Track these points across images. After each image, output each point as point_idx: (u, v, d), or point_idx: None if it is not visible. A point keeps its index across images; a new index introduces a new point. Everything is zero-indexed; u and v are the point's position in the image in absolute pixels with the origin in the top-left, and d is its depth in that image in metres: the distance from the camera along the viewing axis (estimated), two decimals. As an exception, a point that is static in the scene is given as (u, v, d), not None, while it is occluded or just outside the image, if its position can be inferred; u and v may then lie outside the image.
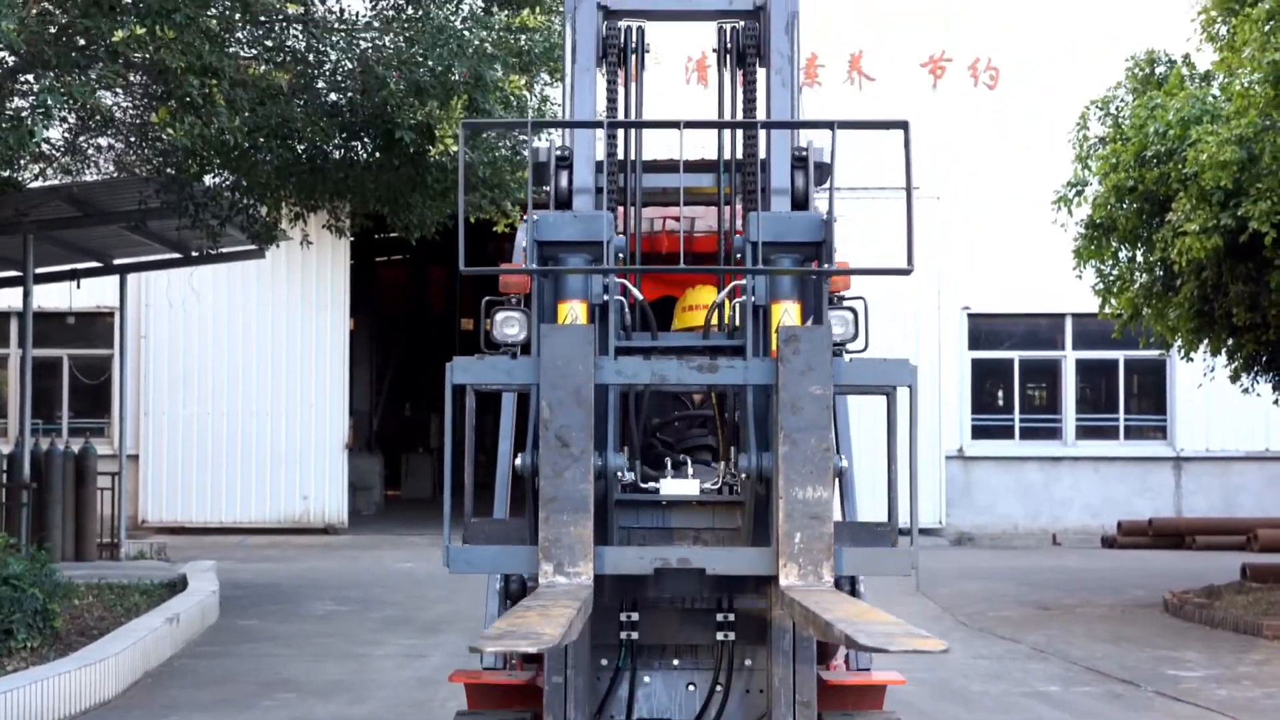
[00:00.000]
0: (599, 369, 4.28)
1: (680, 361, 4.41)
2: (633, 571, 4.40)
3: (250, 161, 10.99)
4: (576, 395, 4.17)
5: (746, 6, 5.23)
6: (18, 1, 7.89)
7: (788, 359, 4.20)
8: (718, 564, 4.40)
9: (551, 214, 4.70)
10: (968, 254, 18.80)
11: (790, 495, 4.14)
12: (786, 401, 4.19)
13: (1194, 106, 11.07)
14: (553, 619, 3.62)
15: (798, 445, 4.16)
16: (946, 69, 19.22)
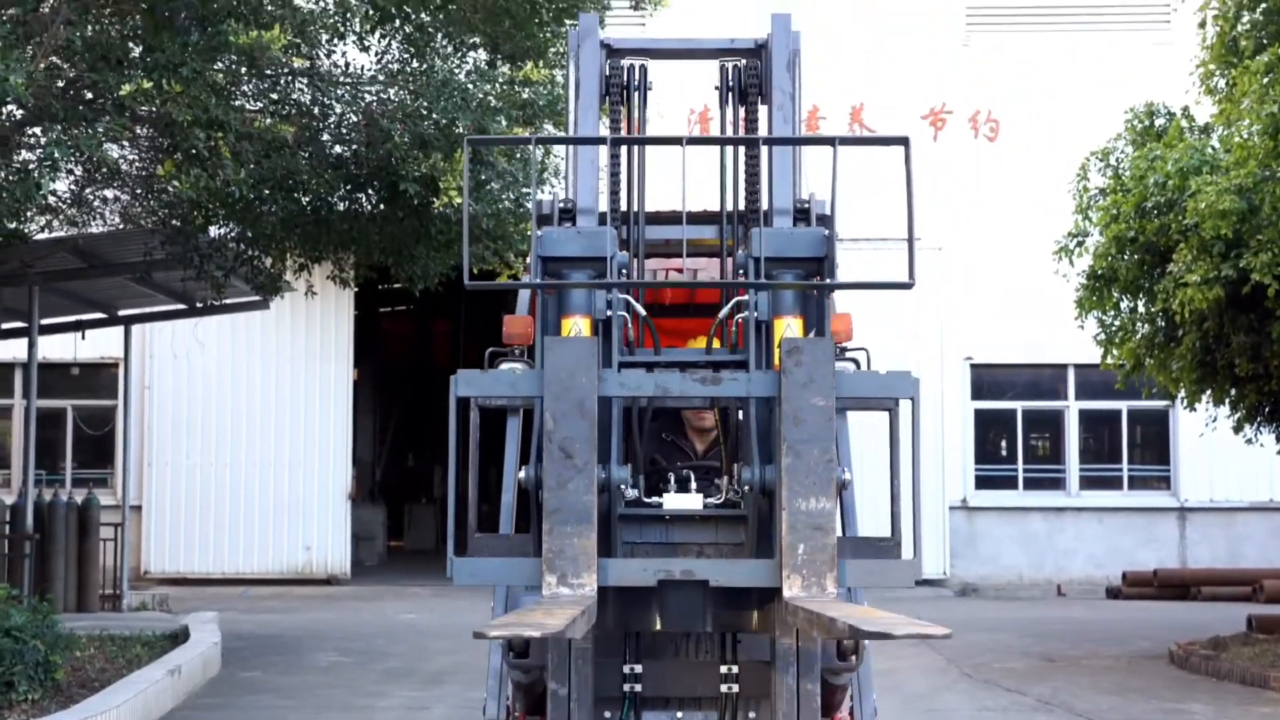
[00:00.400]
0: (603, 381, 4.28)
1: (683, 374, 4.42)
2: (636, 583, 4.38)
3: (255, 213, 11.05)
4: (580, 407, 4.17)
5: (748, 45, 5.29)
6: (26, 56, 7.97)
7: (790, 371, 4.20)
8: (721, 576, 4.38)
9: (555, 230, 4.73)
10: (970, 305, 18.84)
11: (793, 507, 4.14)
12: (789, 413, 4.19)
13: (1193, 157, 11.13)
14: (557, 615, 3.64)
15: (800, 457, 4.16)
16: (947, 121, 19.33)
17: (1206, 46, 11.81)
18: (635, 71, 5.32)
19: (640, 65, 5.35)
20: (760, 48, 5.29)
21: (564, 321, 4.57)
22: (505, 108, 10.51)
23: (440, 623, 14.89)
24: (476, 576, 4.43)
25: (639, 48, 5.45)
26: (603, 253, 4.56)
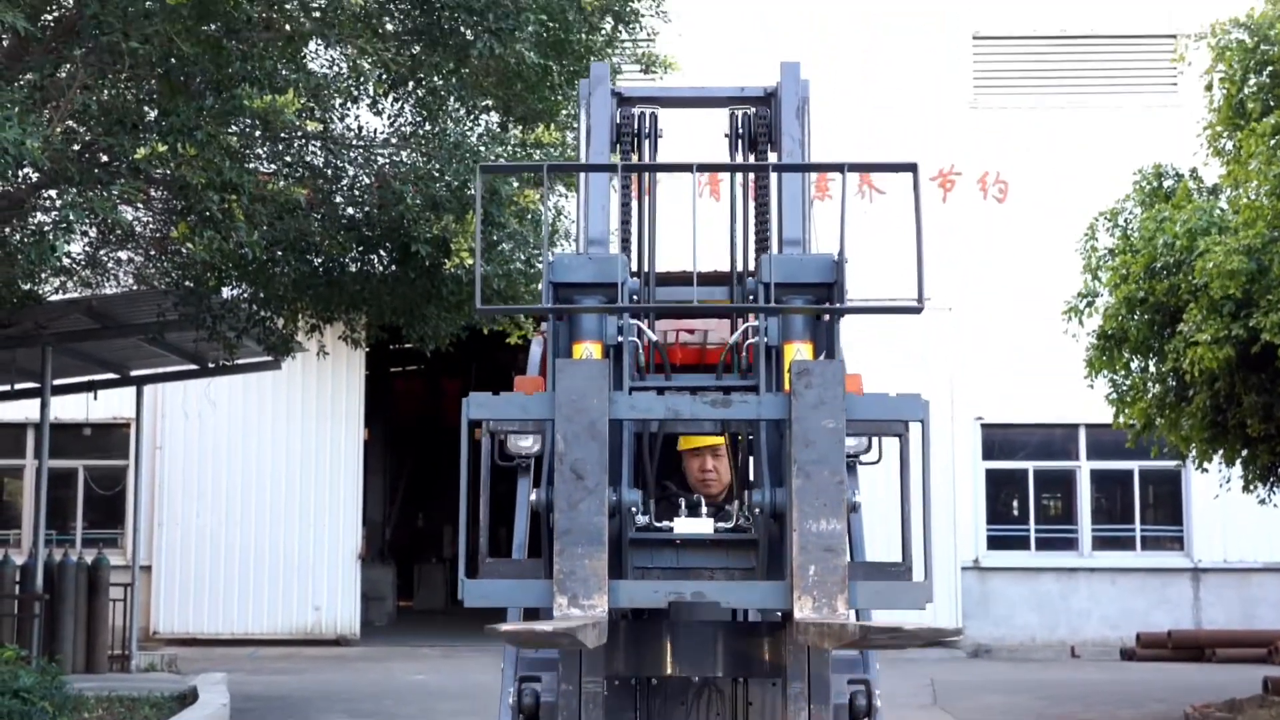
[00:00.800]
0: (613, 404, 4.29)
1: (694, 397, 4.42)
2: (647, 604, 4.38)
3: (268, 274, 11.11)
4: (591, 429, 4.18)
5: (757, 94, 5.33)
6: (43, 120, 8.06)
7: (800, 393, 4.21)
8: (732, 598, 4.39)
9: (567, 256, 4.75)
10: (980, 364, 18.84)
11: (804, 528, 4.12)
12: (799, 435, 4.19)
13: (1201, 219, 11.17)
14: (571, 622, 3.67)
15: (811, 478, 4.15)
16: (956, 182, 19.42)
17: (1214, 109, 11.87)
18: (645, 119, 5.37)
19: (651, 113, 5.40)
20: (769, 96, 5.33)
21: (575, 347, 4.59)
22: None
23: (449, 684, 14.81)
24: (487, 598, 4.39)
25: (649, 95, 5.51)
26: (614, 279, 4.57)
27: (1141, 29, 19.50)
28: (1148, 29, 19.40)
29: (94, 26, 8.11)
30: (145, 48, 8.15)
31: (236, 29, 8.62)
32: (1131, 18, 19.51)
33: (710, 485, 5.64)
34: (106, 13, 8.07)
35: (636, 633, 4.72)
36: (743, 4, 18.85)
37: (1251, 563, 19.07)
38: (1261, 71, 11.33)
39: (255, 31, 8.74)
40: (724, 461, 5.61)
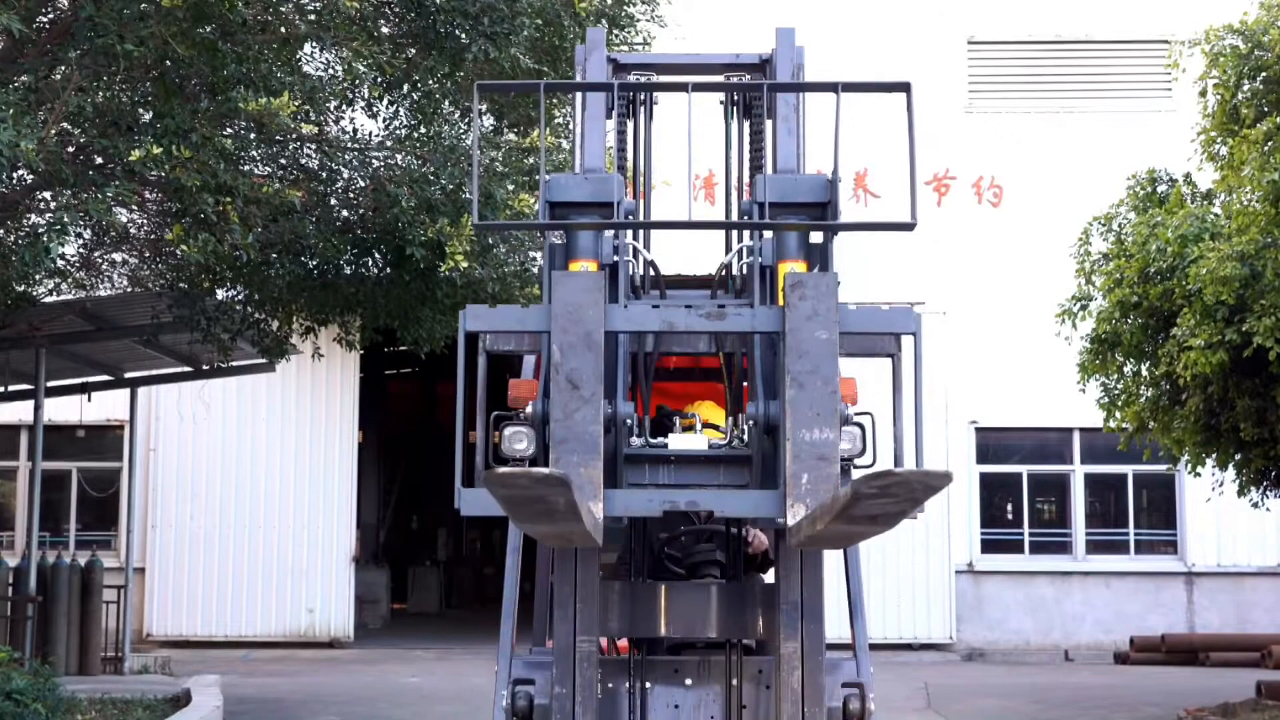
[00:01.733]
0: (609, 316, 4.32)
1: (689, 310, 4.43)
2: (641, 513, 4.42)
3: (262, 277, 11.11)
4: (587, 339, 4.21)
5: (753, 60, 5.34)
6: (38, 122, 8.05)
7: (794, 305, 4.22)
8: (726, 507, 4.41)
9: (564, 176, 4.77)
10: (974, 369, 18.85)
11: (797, 437, 4.13)
12: (793, 346, 4.20)
13: (1194, 224, 11.20)
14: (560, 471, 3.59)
15: (804, 388, 4.16)
16: (950, 187, 19.44)
17: (1208, 115, 11.90)
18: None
19: (646, 79, 5.41)
20: (765, 62, 5.34)
21: (571, 265, 4.61)
22: (511, 173, 10.61)
23: (444, 686, 14.81)
24: (483, 507, 4.42)
25: (645, 62, 5.53)
26: (610, 198, 4.62)
27: (1136, 34, 19.52)
28: (1142, 34, 19.42)
29: (89, 29, 8.11)
30: (140, 50, 8.15)
31: (232, 31, 8.63)
32: (1126, 23, 19.54)
33: None
34: (102, 15, 8.07)
35: (632, 593, 4.74)
36: (736, 11, 18.86)
37: (1245, 566, 19.09)
38: (1255, 77, 11.36)
39: (250, 34, 8.74)
40: None
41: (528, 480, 3.04)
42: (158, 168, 8.58)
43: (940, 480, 3.13)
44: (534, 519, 3.47)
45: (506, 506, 3.30)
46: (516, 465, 5.12)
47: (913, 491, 3.17)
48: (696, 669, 4.93)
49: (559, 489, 3.16)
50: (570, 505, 3.30)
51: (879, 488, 3.13)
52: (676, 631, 4.83)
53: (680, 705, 4.90)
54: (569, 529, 3.63)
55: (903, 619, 18.31)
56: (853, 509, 3.34)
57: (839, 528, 3.58)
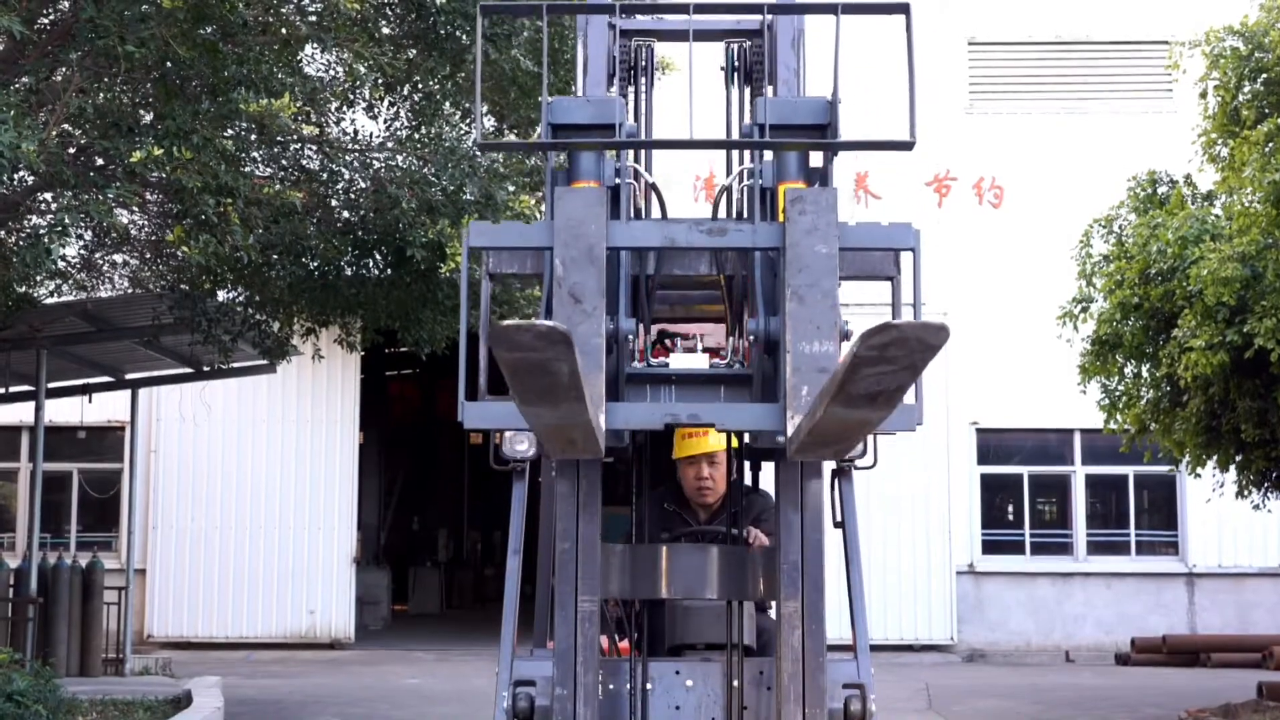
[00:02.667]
0: (611, 232, 4.34)
1: (690, 225, 4.47)
2: (643, 426, 4.43)
3: (263, 278, 11.12)
4: (589, 253, 4.22)
5: (753, 26, 5.36)
6: (39, 124, 8.06)
7: (794, 219, 4.25)
8: (727, 419, 4.42)
9: (566, 99, 4.80)
10: (975, 369, 18.85)
11: (798, 350, 4.14)
12: (793, 260, 4.22)
13: (1194, 226, 11.20)
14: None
15: (804, 302, 4.17)
16: (951, 188, 19.45)
17: (1208, 116, 11.91)
18: (643, 52, 5.38)
19: (648, 46, 5.42)
20: (765, 28, 5.37)
21: (574, 186, 4.62)
22: (512, 174, 10.62)
23: (444, 688, 14.81)
24: (486, 420, 4.48)
25: (646, 29, 5.55)
26: (611, 120, 4.63)
27: (1136, 35, 19.52)
28: (1142, 35, 19.41)
29: (90, 30, 8.11)
30: (141, 51, 8.15)
31: (232, 33, 8.63)
32: (1126, 25, 19.54)
33: (706, 494, 5.65)
34: (103, 16, 8.07)
35: (633, 554, 4.76)
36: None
37: (1246, 567, 19.09)
38: (1256, 79, 11.36)
39: (251, 35, 8.74)
40: (720, 469, 5.61)
41: (533, 336, 3.02)
42: (159, 169, 8.58)
43: (936, 336, 3.09)
44: (538, 398, 3.43)
45: (512, 376, 3.28)
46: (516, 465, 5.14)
47: (910, 351, 3.12)
48: (698, 671, 4.93)
49: (562, 350, 3.13)
50: (574, 375, 3.27)
51: (878, 346, 3.07)
52: (676, 592, 4.86)
53: (681, 706, 4.91)
54: (573, 415, 3.59)
55: (904, 620, 18.31)
56: (852, 382, 3.26)
57: (838, 417, 3.51)
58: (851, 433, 3.73)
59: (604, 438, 4.11)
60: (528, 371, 3.22)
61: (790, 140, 4.61)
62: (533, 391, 3.35)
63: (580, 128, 4.63)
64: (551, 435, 3.89)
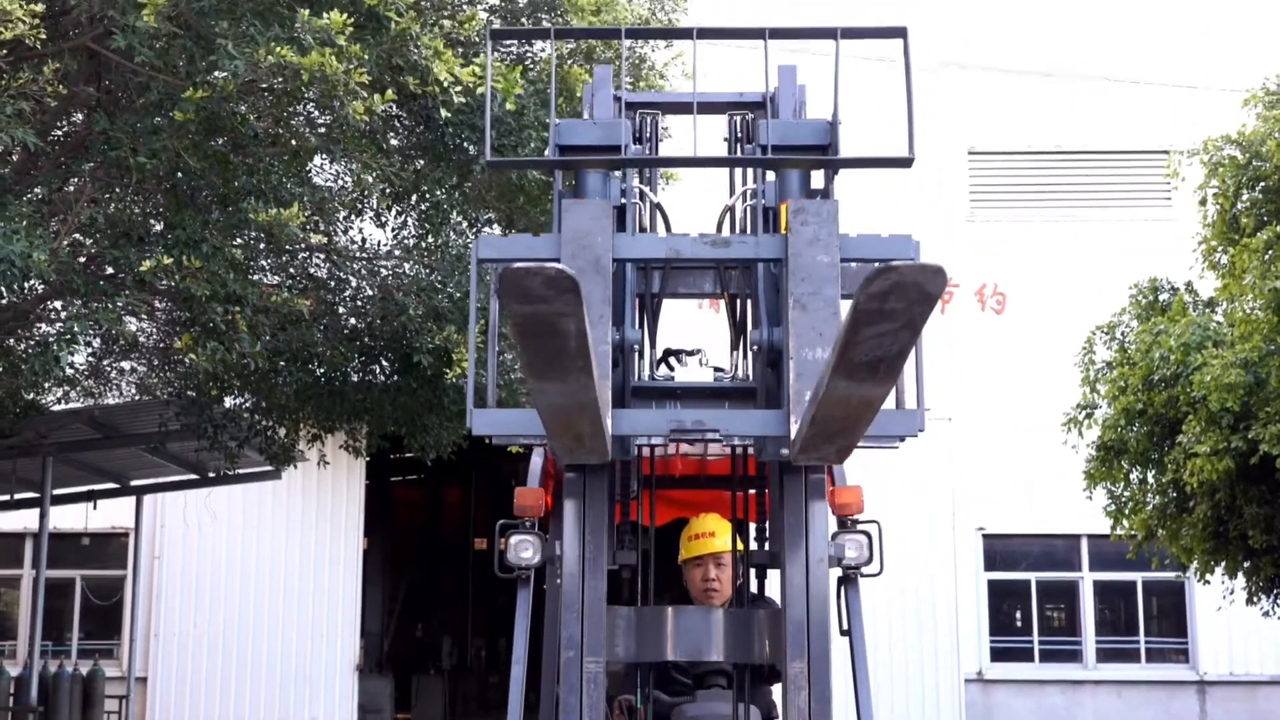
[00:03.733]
0: (617, 244, 4.41)
1: (695, 238, 4.54)
2: (649, 432, 4.44)
3: (270, 384, 11.16)
4: (596, 264, 4.27)
5: (755, 98, 5.45)
6: (50, 233, 8.16)
7: (796, 230, 4.32)
8: (732, 426, 4.42)
9: (572, 121, 4.87)
10: (981, 475, 18.82)
11: (800, 356, 4.18)
12: (795, 270, 4.28)
13: (1196, 332, 11.26)
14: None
15: (807, 309, 4.23)
16: (954, 294, 19.56)
17: (1208, 224, 12.01)
18: (648, 124, 5.47)
19: (653, 117, 5.51)
20: (768, 100, 5.46)
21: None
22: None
23: (447, 800, 14.59)
24: (495, 426, 4.51)
25: (652, 100, 5.64)
26: (617, 141, 4.74)
27: (1135, 145, 19.76)
28: (1141, 145, 19.65)
29: (103, 142, 8.25)
30: (153, 162, 8.28)
31: (243, 144, 8.77)
32: (1125, 134, 19.79)
33: (713, 597, 5.63)
34: (116, 129, 8.21)
35: (638, 618, 4.74)
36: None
37: (1258, 675, 18.87)
38: (1254, 187, 11.48)
39: (261, 147, 8.88)
40: (726, 572, 5.60)
41: (542, 281, 3.01)
42: (168, 277, 8.67)
43: (934, 280, 3.06)
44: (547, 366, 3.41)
45: (522, 337, 3.27)
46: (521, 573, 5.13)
47: (910, 302, 3.10)
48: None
49: (571, 301, 3.11)
50: (581, 336, 3.27)
51: (879, 295, 3.05)
52: (683, 655, 4.83)
53: None
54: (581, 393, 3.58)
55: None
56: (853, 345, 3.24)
57: (840, 394, 3.48)
58: (854, 416, 3.70)
59: (611, 443, 4.15)
60: (537, 330, 3.22)
61: (791, 158, 4.72)
62: (542, 358, 3.35)
63: (587, 149, 4.76)
64: (560, 427, 3.88)
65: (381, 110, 8.01)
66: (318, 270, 11.03)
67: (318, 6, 7.84)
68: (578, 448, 4.08)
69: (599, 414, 3.75)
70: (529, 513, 5.16)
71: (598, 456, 4.16)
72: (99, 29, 8.21)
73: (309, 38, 7.43)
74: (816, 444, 4.00)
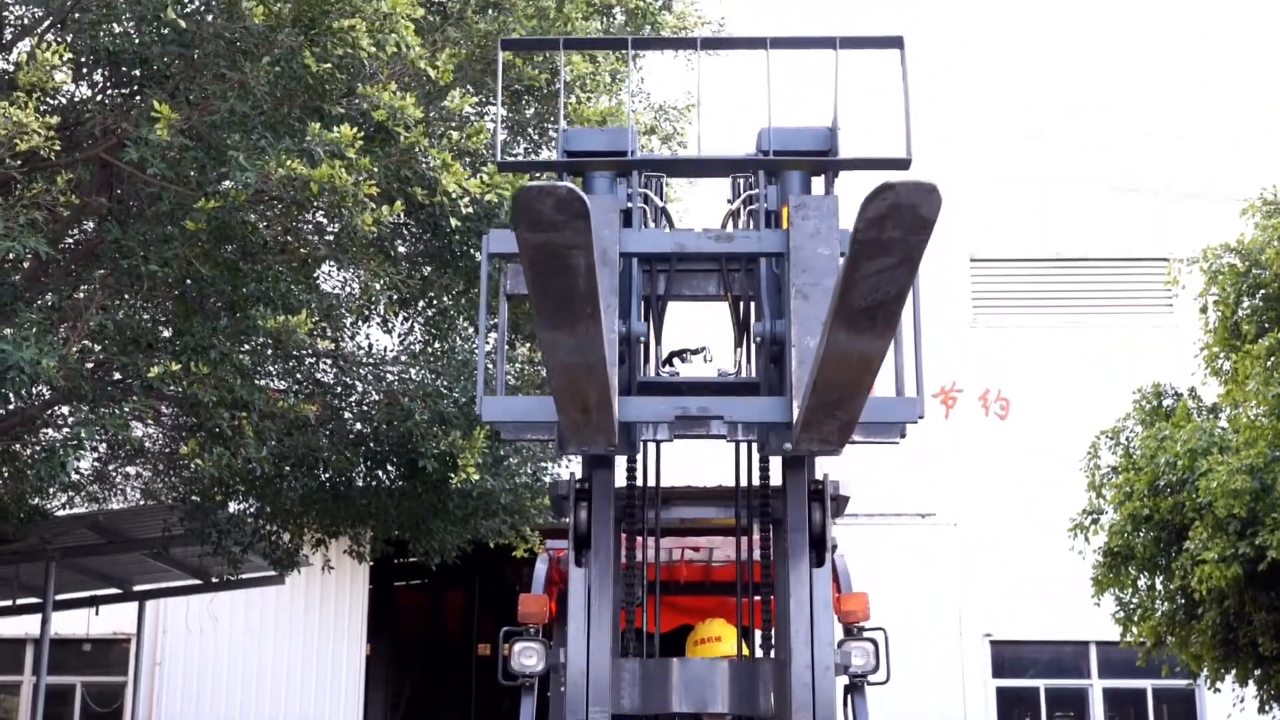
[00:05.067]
0: (624, 238, 4.53)
1: (699, 232, 4.70)
2: (655, 419, 4.50)
3: (275, 489, 11.16)
4: (603, 256, 4.34)
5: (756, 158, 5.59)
6: (59, 340, 8.22)
7: (798, 224, 4.43)
8: (736, 412, 4.48)
9: (581, 128, 4.98)
10: (988, 580, 18.70)
11: (802, 344, 4.26)
12: (797, 262, 4.39)
13: (1201, 438, 11.27)
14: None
15: (808, 299, 4.32)
16: (958, 399, 19.58)
17: (1209, 330, 12.07)
18: (653, 184, 5.58)
19: (658, 179, 5.59)
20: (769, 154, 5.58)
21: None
22: (524, 386, 10.75)
23: None
24: (504, 413, 4.65)
25: (656, 159, 5.78)
26: (624, 147, 4.89)
27: (1134, 252, 19.90)
28: (1140, 252, 19.79)
29: (115, 250, 8.34)
30: (164, 270, 8.36)
31: (253, 252, 8.86)
32: (1124, 242, 19.94)
33: None
34: (128, 237, 8.31)
35: (644, 670, 4.76)
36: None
37: (1272, 786, 18.58)
38: (1254, 294, 11.55)
39: (271, 255, 8.97)
40: None
41: (554, 203, 3.01)
42: (175, 383, 8.71)
43: (928, 201, 3.05)
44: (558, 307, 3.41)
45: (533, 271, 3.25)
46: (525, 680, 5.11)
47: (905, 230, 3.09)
48: None
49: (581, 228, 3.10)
50: (590, 273, 3.31)
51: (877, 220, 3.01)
52: (689, 706, 4.82)
53: None
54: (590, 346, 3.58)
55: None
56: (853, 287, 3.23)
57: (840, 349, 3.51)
58: (855, 381, 3.70)
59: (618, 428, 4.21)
60: (548, 265, 3.23)
61: (791, 159, 4.85)
62: (553, 300, 3.38)
63: (594, 154, 4.85)
64: (569, 394, 3.90)
65: (390, 220, 8.11)
66: (324, 375, 11.09)
67: (328, 120, 7.98)
68: (585, 425, 4.10)
69: (606, 379, 3.81)
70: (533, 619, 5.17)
71: (605, 439, 4.20)
72: (112, 140, 8.35)
73: (319, 150, 7.54)
74: (818, 420, 4.03)
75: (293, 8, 7.79)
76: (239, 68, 7.93)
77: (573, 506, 4.97)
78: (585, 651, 4.62)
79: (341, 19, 7.79)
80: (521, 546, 12.55)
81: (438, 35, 9.18)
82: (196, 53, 8.06)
